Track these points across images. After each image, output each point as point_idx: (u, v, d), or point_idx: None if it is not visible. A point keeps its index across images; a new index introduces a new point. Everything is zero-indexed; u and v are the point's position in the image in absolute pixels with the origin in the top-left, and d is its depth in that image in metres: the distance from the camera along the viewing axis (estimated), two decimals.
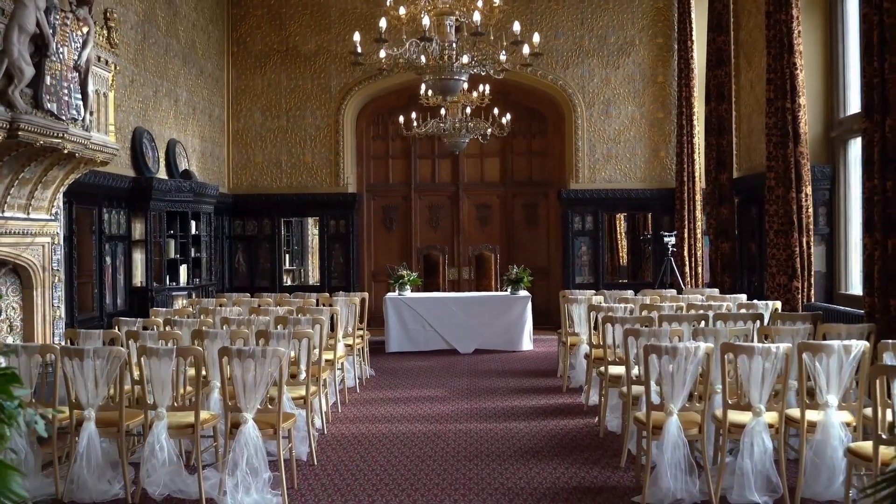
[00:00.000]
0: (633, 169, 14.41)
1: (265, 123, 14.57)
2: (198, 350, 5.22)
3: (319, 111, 14.53)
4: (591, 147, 14.39)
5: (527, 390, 8.94)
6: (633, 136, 14.40)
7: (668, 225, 14.34)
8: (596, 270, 14.40)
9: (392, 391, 8.99)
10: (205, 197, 11.75)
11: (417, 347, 11.76)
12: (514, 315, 11.79)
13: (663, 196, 14.29)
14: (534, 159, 15.08)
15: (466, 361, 11.02)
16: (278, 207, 14.50)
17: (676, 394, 5.02)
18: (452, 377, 9.81)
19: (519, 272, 11.81)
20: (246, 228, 14.61)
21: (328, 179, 14.50)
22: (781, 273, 9.70)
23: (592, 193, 14.28)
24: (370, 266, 15.09)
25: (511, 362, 10.91)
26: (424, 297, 12.04)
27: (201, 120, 13.25)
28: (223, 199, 13.84)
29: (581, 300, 8.59)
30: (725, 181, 12.11)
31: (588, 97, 14.40)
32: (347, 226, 14.46)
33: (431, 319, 11.75)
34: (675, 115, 14.15)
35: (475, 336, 11.76)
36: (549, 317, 14.69)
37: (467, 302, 11.90)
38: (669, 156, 14.37)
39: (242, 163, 14.59)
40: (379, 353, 11.65)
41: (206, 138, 13.44)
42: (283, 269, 14.66)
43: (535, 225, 15.05)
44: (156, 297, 10.47)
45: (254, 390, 5.09)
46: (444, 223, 15.05)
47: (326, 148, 14.50)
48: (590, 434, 7.03)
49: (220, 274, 13.91)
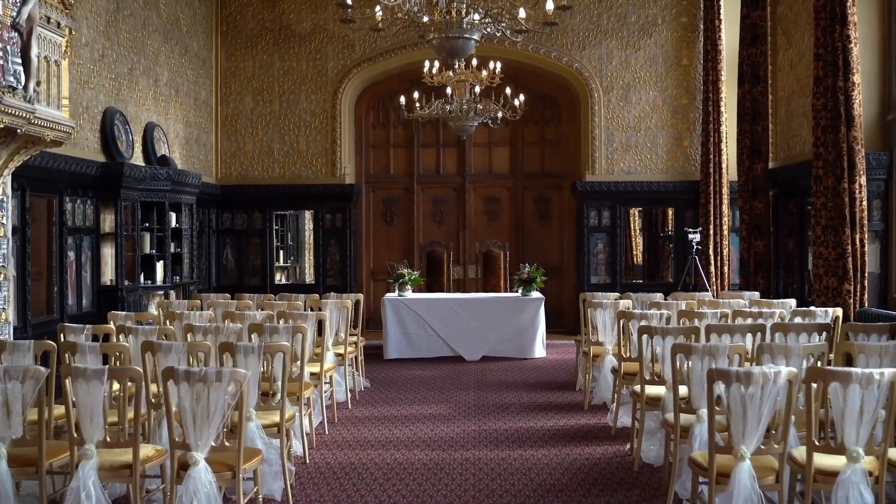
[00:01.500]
0: (655, 159, 13.28)
1: (256, 108, 13.45)
2: (135, 371, 4.10)
3: (315, 95, 13.41)
4: (609, 135, 13.26)
5: (543, 407, 7.82)
6: (655, 124, 13.27)
7: (691, 221, 13.20)
8: (613, 270, 13.27)
9: (388, 407, 7.88)
10: (185, 186, 10.64)
11: (419, 354, 10.64)
12: (525, 319, 10.67)
13: (687, 189, 13.15)
14: (546, 149, 13.95)
15: (473, 371, 9.90)
16: (270, 199, 13.39)
17: (749, 432, 3.89)
18: (457, 390, 8.70)
19: (531, 271, 10.68)
20: (235, 222, 13.50)
21: (324, 169, 13.39)
22: (830, 274, 8.57)
23: (610, 186, 13.15)
24: (369, 263, 13.98)
25: (523, 372, 9.79)
26: (427, 298, 10.92)
27: (185, 103, 12.15)
28: (209, 190, 12.74)
29: (606, 305, 7.47)
30: (760, 172, 10.98)
31: (606, 81, 13.26)
32: (344, 220, 13.34)
33: (434, 323, 10.63)
34: (701, 100, 13.01)
35: (482, 342, 10.64)
36: (561, 319, 13.57)
37: (474, 304, 10.78)
38: (694, 145, 13.24)
39: (231, 151, 13.48)
40: (376, 360, 10.54)
41: (190, 123, 12.34)
42: (274, 267, 13.54)
43: (548, 220, 13.92)
44: (126, 297, 9.37)
45: (206, 423, 3.98)
46: (448, 217, 13.94)
47: (322, 135, 13.39)
48: (622, 466, 5.91)
49: (206, 271, 12.82)
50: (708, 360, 4.70)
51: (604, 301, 7.49)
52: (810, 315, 6.68)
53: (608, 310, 7.45)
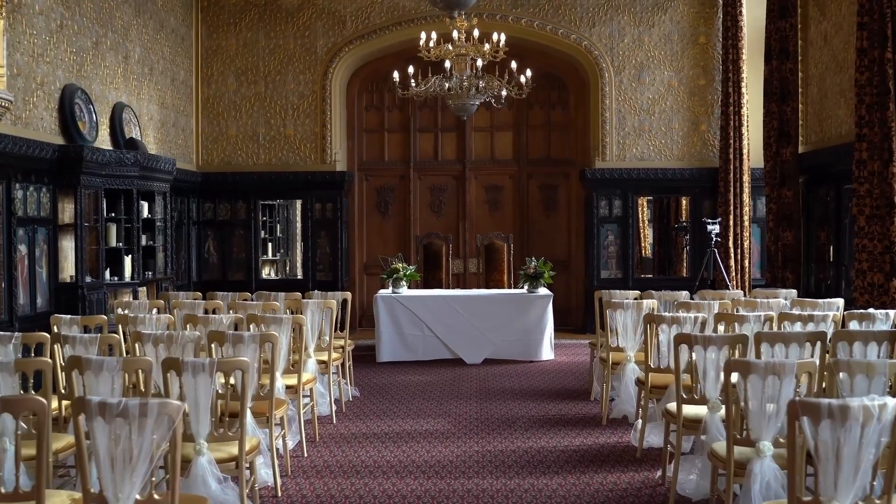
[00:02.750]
0: (670, 145, 12.31)
1: (240, 90, 12.47)
2: (36, 402, 3.14)
3: (303, 76, 12.42)
4: (621, 119, 12.29)
5: (554, 422, 6.87)
6: (670, 107, 12.29)
7: (709, 211, 12.25)
8: (625, 263, 12.30)
9: (379, 422, 6.93)
10: (156, 172, 9.66)
11: (414, 356, 9.69)
12: (532, 318, 9.71)
13: (705, 177, 12.19)
14: (553, 133, 12.97)
15: (474, 376, 8.96)
16: (255, 188, 12.41)
17: (845, 483, 2.94)
18: (457, 399, 7.75)
19: (539, 266, 9.72)
20: (217, 212, 12.53)
21: (313, 156, 12.41)
22: (875, 270, 7.63)
23: (621, 173, 12.18)
24: (362, 257, 13.02)
25: (530, 377, 8.85)
26: (423, 294, 9.97)
27: (161, 83, 11.16)
28: (189, 178, 11.78)
29: (628, 306, 6.51)
30: (789, 157, 10.02)
31: (617, 60, 12.28)
32: (335, 210, 12.37)
33: (431, 322, 9.68)
34: (720, 81, 12.04)
35: (485, 343, 9.69)
36: (569, 317, 12.63)
37: (475, 301, 9.82)
38: (712, 130, 12.26)
39: (213, 136, 12.50)
40: (368, 363, 9.60)
41: (167, 105, 11.35)
42: (259, 261, 12.58)
43: (554, 210, 12.95)
44: (88, 296, 8.41)
45: (127, 471, 3.03)
46: (448, 207, 12.97)
47: (311, 119, 12.41)
48: (654, 499, 4.96)
49: (186, 266, 11.86)
50: (772, 380, 3.75)
51: (625, 301, 6.53)
52: (868, 319, 5.73)
53: (630, 311, 6.49)
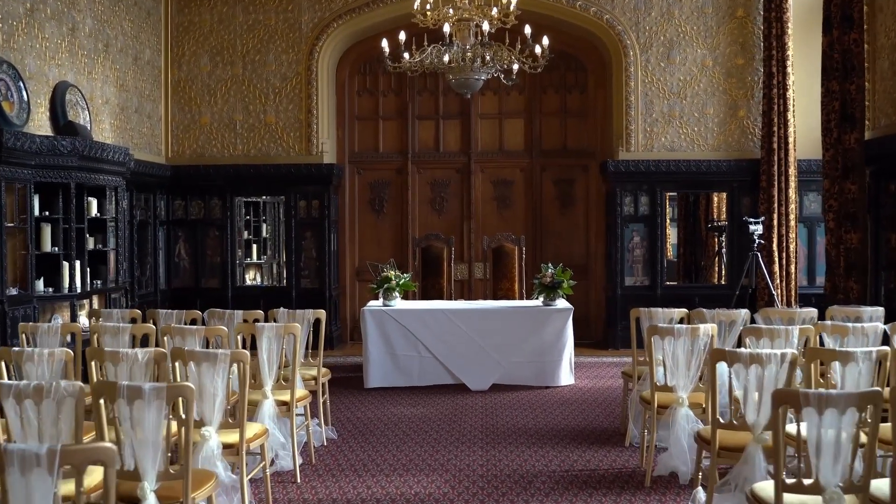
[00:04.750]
0: (704, 133, 10.77)
1: (215, 72, 10.98)
2: None
3: (286, 56, 10.92)
4: (647, 104, 10.75)
5: (584, 480, 5.35)
6: (704, 90, 10.75)
7: (749, 208, 10.72)
8: (653, 269, 10.77)
9: (357, 481, 5.41)
10: (104, 163, 8.18)
11: (409, 381, 8.18)
12: (548, 335, 8.19)
13: (744, 170, 10.66)
14: (569, 121, 11.43)
15: (480, 407, 7.44)
16: (231, 183, 10.92)
17: None
18: (459, 444, 6.23)
19: (557, 274, 8.19)
20: (189, 210, 11.04)
21: (297, 146, 10.91)
22: None
23: (648, 165, 10.65)
24: (353, 261, 11.51)
25: (547, 409, 7.33)
26: (420, 308, 8.45)
27: (121, 63, 9.68)
28: (156, 171, 10.31)
29: (680, 333, 4.97)
30: (853, 144, 8.46)
31: (644, 37, 10.75)
32: (322, 208, 10.86)
33: (429, 341, 8.17)
34: (762, 59, 10.52)
35: (492, 366, 8.17)
36: (587, 329, 11.10)
37: (481, 316, 8.31)
38: (752, 116, 10.72)
39: (185, 123, 11.01)
40: (355, 389, 8.11)
41: (128, 88, 9.87)
42: (236, 265, 11.08)
43: (571, 207, 11.42)
44: (11, 311, 6.92)
45: None
46: (450, 205, 11.46)
47: (295, 105, 10.91)
48: None
49: (152, 272, 10.39)
50: None
51: (675, 328, 4.99)
52: None
53: (683, 339, 4.96)
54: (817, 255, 10.80)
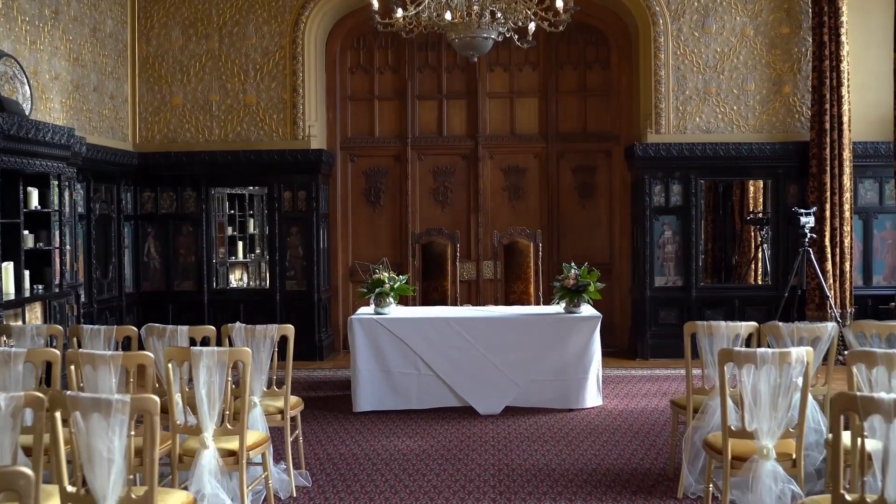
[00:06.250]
0: (744, 112, 9.43)
1: (188, 46, 9.67)
2: None
3: (269, 27, 9.62)
4: (680, 79, 9.41)
5: None
6: (744, 63, 9.41)
7: (796, 197, 9.39)
8: (686, 267, 9.43)
9: None
10: (41, 146, 6.87)
11: (406, 404, 6.86)
12: (572, 349, 6.86)
13: (790, 154, 9.33)
14: (590, 100, 10.09)
15: (491, 438, 6.12)
16: (207, 172, 9.62)
17: None
18: (466, 492, 4.91)
19: (582, 275, 6.86)
20: (160, 203, 9.74)
21: (281, 130, 9.61)
22: None
23: (682, 149, 9.31)
24: (346, 260, 10.21)
25: (573, 441, 6.00)
26: (419, 316, 7.12)
27: (76, 34, 8.39)
28: (121, 159, 9.04)
29: (765, 359, 3.63)
30: None
31: (675, 3, 9.41)
32: (310, 200, 9.55)
33: (430, 357, 6.85)
34: (810, 28, 9.18)
35: (505, 385, 6.84)
36: (612, 336, 9.76)
37: (492, 325, 6.98)
38: (799, 92, 9.38)
39: (154, 105, 9.71)
40: (342, 414, 6.81)
41: (84, 63, 8.58)
42: (214, 265, 9.79)
43: (592, 198, 10.08)
44: None
45: None
46: (455, 196, 10.13)
47: (279, 83, 9.60)
48: None
49: (116, 273, 9.11)
50: None
51: (759, 353, 3.65)
52: None
53: (768, 369, 3.63)
54: (874, 251, 9.49)
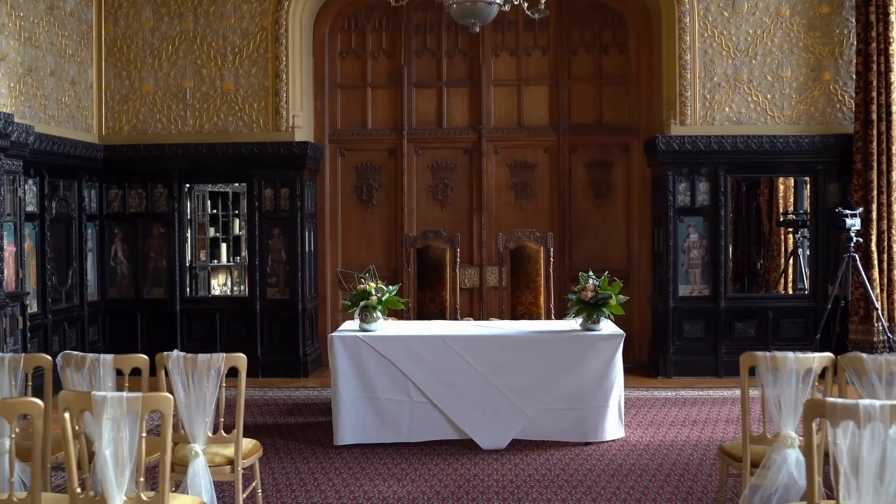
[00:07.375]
0: (779, 101, 8.44)
1: (159, 28, 8.70)
2: None
3: (248, 5, 8.65)
4: (707, 65, 8.42)
5: None
6: (779, 46, 8.41)
7: (838, 196, 8.41)
8: (714, 274, 8.43)
9: None
10: None
11: (395, 437, 5.86)
12: (590, 372, 5.86)
13: (831, 148, 8.34)
14: (605, 88, 9.10)
15: (496, 481, 5.14)
16: (179, 167, 8.65)
17: None
18: None
19: (602, 286, 5.86)
20: (127, 202, 8.78)
21: (262, 120, 8.63)
22: None
23: (709, 143, 8.32)
24: (335, 265, 9.23)
25: (593, 487, 5.01)
26: (411, 334, 6.12)
27: (28, 10, 7.43)
28: (84, 152, 8.10)
29: (870, 415, 2.65)
30: None
31: None
32: (294, 198, 8.57)
33: (424, 381, 5.85)
34: (854, 6, 8.21)
35: (512, 415, 5.84)
36: (630, 351, 8.69)
37: (497, 345, 5.99)
38: (841, 79, 8.39)
39: (122, 93, 8.74)
40: (320, 448, 5.83)
41: (40, 45, 7.62)
42: (185, 269, 8.83)
43: (608, 197, 9.09)
44: None
45: None
46: (456, 195, 9.15)
47: (260, 68, 8.62)
48: None
49: (77, 280, 8.16)
50: None
51: (862, 406, 2.67)
52: None
53: (875, 428, 2.63)
54: None
